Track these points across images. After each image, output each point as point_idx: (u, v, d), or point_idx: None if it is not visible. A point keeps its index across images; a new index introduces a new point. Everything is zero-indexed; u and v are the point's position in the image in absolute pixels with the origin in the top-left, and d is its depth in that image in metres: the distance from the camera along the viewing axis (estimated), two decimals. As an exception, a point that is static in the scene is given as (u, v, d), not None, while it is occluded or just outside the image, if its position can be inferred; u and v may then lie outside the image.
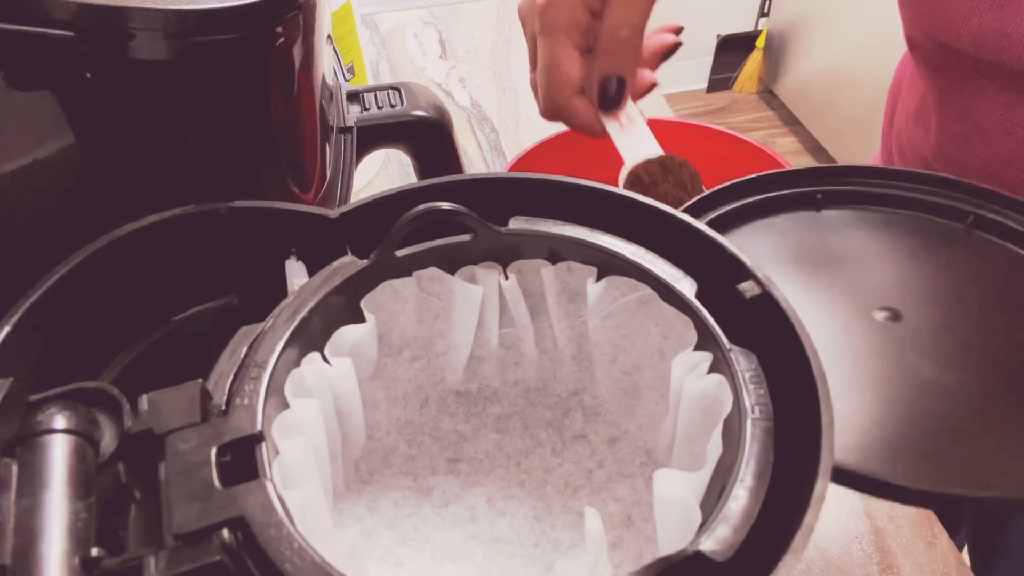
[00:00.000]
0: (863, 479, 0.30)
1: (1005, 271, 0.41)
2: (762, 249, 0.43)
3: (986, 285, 0.40)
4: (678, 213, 0.32)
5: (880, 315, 0.38)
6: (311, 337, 0.30)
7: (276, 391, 0.27)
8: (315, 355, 0.30)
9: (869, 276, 0.40)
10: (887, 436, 0.32)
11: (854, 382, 0.34)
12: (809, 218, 0.44)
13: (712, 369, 0.28)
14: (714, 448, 0.26)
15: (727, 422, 0.26)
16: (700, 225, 0.31)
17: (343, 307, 0.31)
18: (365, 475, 0.34)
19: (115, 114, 0.32)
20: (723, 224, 0.43)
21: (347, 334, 0.31)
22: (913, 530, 0.48)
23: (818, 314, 0.38)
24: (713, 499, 0.25)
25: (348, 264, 0.31)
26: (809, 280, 0.41)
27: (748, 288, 0.29)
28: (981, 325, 0.38)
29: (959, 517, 0.66)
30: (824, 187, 0.45)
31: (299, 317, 0.29)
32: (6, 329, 0.28)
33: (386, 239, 0.31)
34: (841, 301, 0.39)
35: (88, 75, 0.31)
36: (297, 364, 0.29)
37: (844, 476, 0.30)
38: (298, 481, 0.26)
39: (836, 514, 0.49)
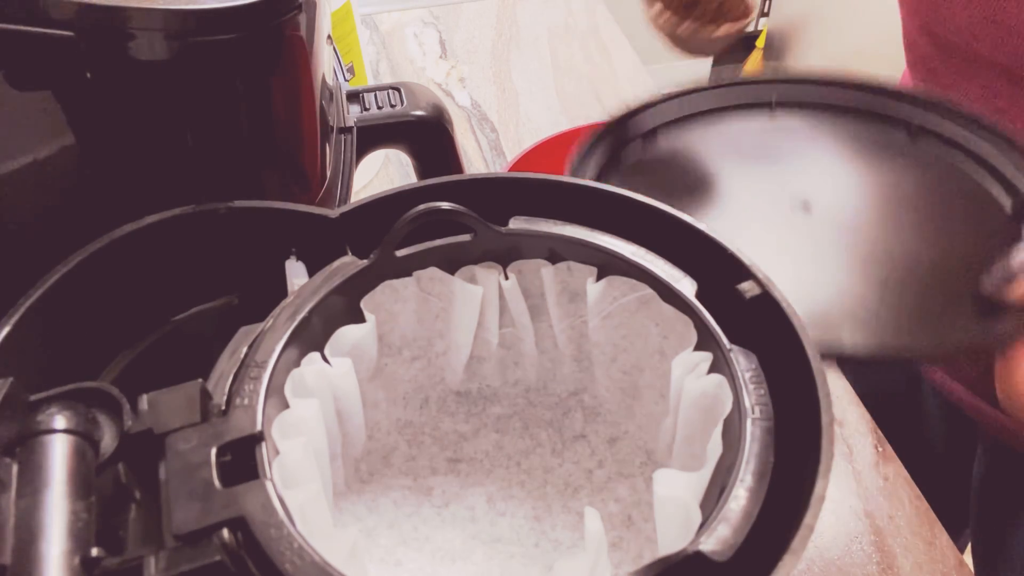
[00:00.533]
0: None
1: (938, 177, 0.45)
2: (714, 144, 0.47)
3: (919, 189, 0.44)
4: (678, 213, 0.32)
5: (797, 206, 0.43)
6: (311, 337, 0.30)
7: (276, 391, 0.27)
8: (315, 355, 0.30)
9: (800, 173, 0.45)
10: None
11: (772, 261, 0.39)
12: (762, 121, 0.49)
13: (712, 369, 0.28)
14: (714, 448, 0.26)
15: (727, 422, 0.26)
16: (700, 225, 0.31)
17: (343, 307, 0.31)
18: (365, 475, 0.34)
19: (115, 114, 0.32)
20: (685, 123, 0.48)
21: (347, 334, 0.31)
22: (913, 530, 0.48)
23: (747, 202, 0.44)
24: (713, 499, 0.25)
25: (348, 264, 0.31)
26: (748, 173, 0.46)
27: (748, 288, 0.29)
28: (895, 225, 0.42)
29: (962, 518, 0.66)
30: (779, 93, 0.49)
31: (299, 317, 0.29)
32: (6, 329, 0.28)
33: (386, 239, 0.31)
34: (769, 193, 0.44)
35: (88, 75, 0.31)
36: (297, 364, 0.29)
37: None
38: (298, 481, 0.26)
39: (836, 514, 0.49)
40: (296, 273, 0.32)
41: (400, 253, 0.32)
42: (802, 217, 0.43)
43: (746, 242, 0.34)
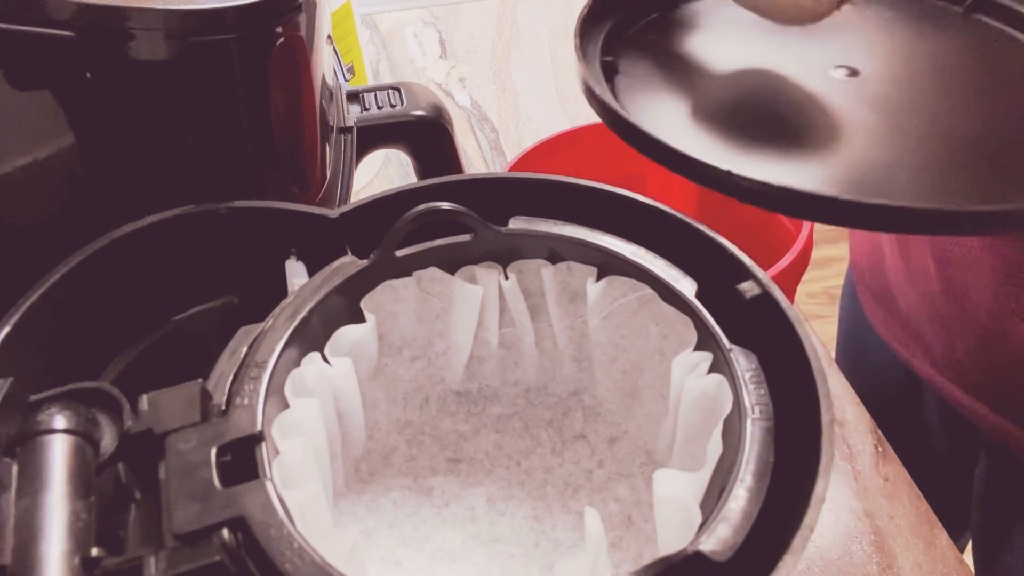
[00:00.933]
0: (811, 199, 0.31)
1: (993, 53, 0.42)
2: (729, 10, 0.42)
3: (968, 64, 0.41)
4: (678, 213, 0.32)
5: (838, 72, 0.39)
6: (311, 337, 0.30)
7: (276, 391, 0.27)
8: (315, 355, 0.30)
9: (844, 41, 0.42)
10: (829, 171, 0.35)
11: (806, 132, 0.37)
12: None
13: (712, 369, 0.28)
14: (714, 448, 0.26)
15: (727, 422, 0.26)
16: (700, 225, 0.31)
17: (343, 307, 0.31)
18: (365, 475, 0.34)
19: (115, 114, 0.32)
20: None
21: (347, 334, 0.31)
22: (913, 530, 0.48)
23: (781, 68, 0.40)
24: (713, 499, 0.25)
25: (348, 264, 0.31)
26: (785, 41, 0.42)
27: (748, 288, 0.29)
28: (942, 98, 0.39)
29: (961, 521, 0.66)
30: None
31: (299, 317, 0.29)
32: (6, 329, 0.28)
33: (386, 239, 0.31)
34: (805, 59, 0.40)
35: (88, 75, 0.31)
36: (297, 364, 0.29)
37: (795, 201, 0.31)
38: (298, 481, 0.26)
39: (836, 514, 0.49)
40: (296, 273, 0.32)
41: (400, 253, 0.32)
42: (848, 83, 0.39)
43: (786, 103, 0.33)
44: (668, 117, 0.36)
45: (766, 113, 0.38)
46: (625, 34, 0.41)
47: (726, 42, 0.42)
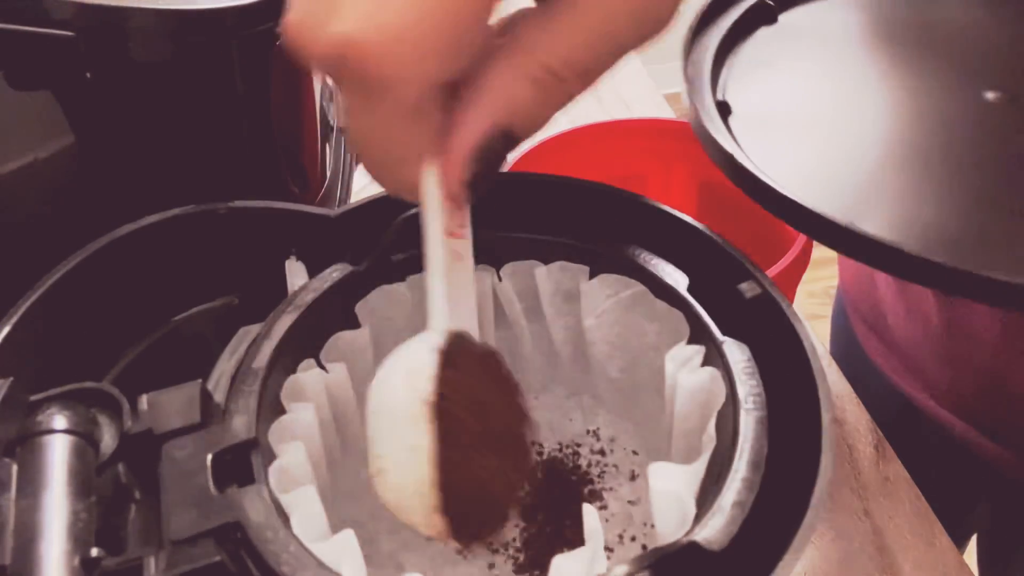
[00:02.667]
0: (954, 274, 0.25)
1: None
2: (845, 24, 0.35)
3: None
4: (678, 213, 0.32)
5: (992, 95, 0.32)
6: (306, 343, 0.30)
7: (272, 397, 0.27)
8: (311, 361, 0.30)
9: (977, 53, 0.34)
10: (976, 227, 0.28)
11: (956, 169, 0.30)
12: None
13: (705, 362, 0.28)
14: (708, 441, 0.26)
15: (720, 414, 0.27)
16: (700, 225, 0.31)
17: (337, 314, 0.31)
18: (365, 481, 0.34)
19: (115, 114, 0.32)
20: None
21: (342, 339, 0.31)
22: (913, 530, 0.48)
23: (917, 98, 0.32)
24: (708, 490, 0.25)
25: (343, 270, 0.31)
26: (904, 61, 0.34)
27: (748, 288, 0.29)
28: None
29: (960, 535, 0.66)
30: None
31: (294, 323, 0.29)
32: (6, 329, 0.28)
33: (380, 244, 0.31)
34: (944, 82, 0.33)
35: (88, 75, 0.31)
36: (293, 370, 0.29)
37: (933, 272, 0.25)
38: (295, 486, 0.26)
39: (836, 514, 0.49)
40: (296, 273, 0.32)
41: (394, 258, 0.32)
42: (1005, 109, 0.31)
43: (923, 146, 0.26)
44: (789, 160, 0.30)
45: (903, 147, 0.31)
46: (733, 67, 0.35)
47: (849, 61, 0.35)
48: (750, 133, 0.31)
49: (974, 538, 0.68)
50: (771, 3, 0.36)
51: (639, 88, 0.85)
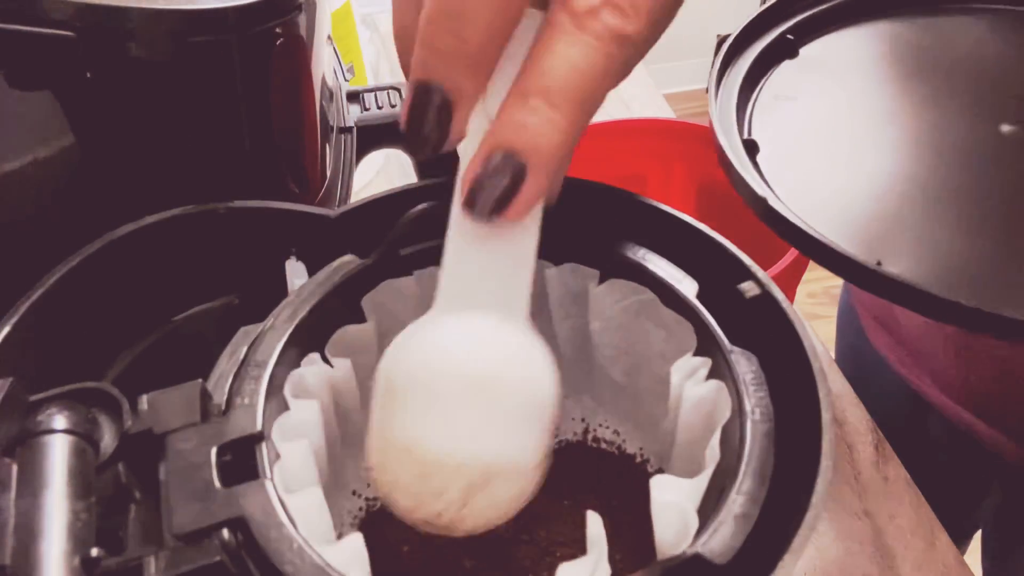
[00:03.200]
0: (971, 313, 0.26)
1: None
2: (863, 56, 0.36)
3: None
4: (678, 213, 0.32)
5: (1008, 128, 0.32)
6: (311, 337, 0.30)
7: (276, 391, 0.27)
8: (315, 355, 0.30)
9: (993, 86, 0.34)
10: (997, 263, 0.28)
11: (974, 203, 0.30)
12: (920, 21, 0.37)
13: (712, 372, 0.28)
14: (712, 454, 0.26)
15: (726, 426, 0.26)
16: (700, 225, 0.31)
17: (343, 306, 0.31)
18: (364, 473, 0.34)
19: (115, 114, 0.32)
20: (818, 25, 0.36)
21: (348, 334, 0.31)
22: (913, 530, 0.48)
23: (935, 132, 0.33)
24: (712, 502, 0.25)
25: (348, 263, 0.31)
26: (921, 93, 0.35)
27: (748, 288, 0.29)
28: None
29: (965, 530, 0.66)
30: None
31: (299, 316, 0.29)
32: (6, 329, 0.28)
33: (388, 238, 0.31)
34: (961, 115, 0.33)
35: (88, 75, 0.31)
36: (297, 364, 0.29)
37: (956, 311, 0.26)
38: (300, 484, 0.26)
39: (836, 514, 0.49)
40: (296, 273, 0.32)
41: (401, 252, 0.32)
42: (1019, 142, 0.32)
43: (942, 180, 0.27)
44: (815, 197, 0.31)
45: (923, 182, 0.31)
46: (758, 103, 0.36)
47: (869, 93, 0.36)
48: (777, 170, 0.31)
49: (975, 539, 0.68)
50: (791, 37, 0.37)
51: (639, 88, 0.85)
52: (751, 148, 0.33)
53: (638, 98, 0.83)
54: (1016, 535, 0.58)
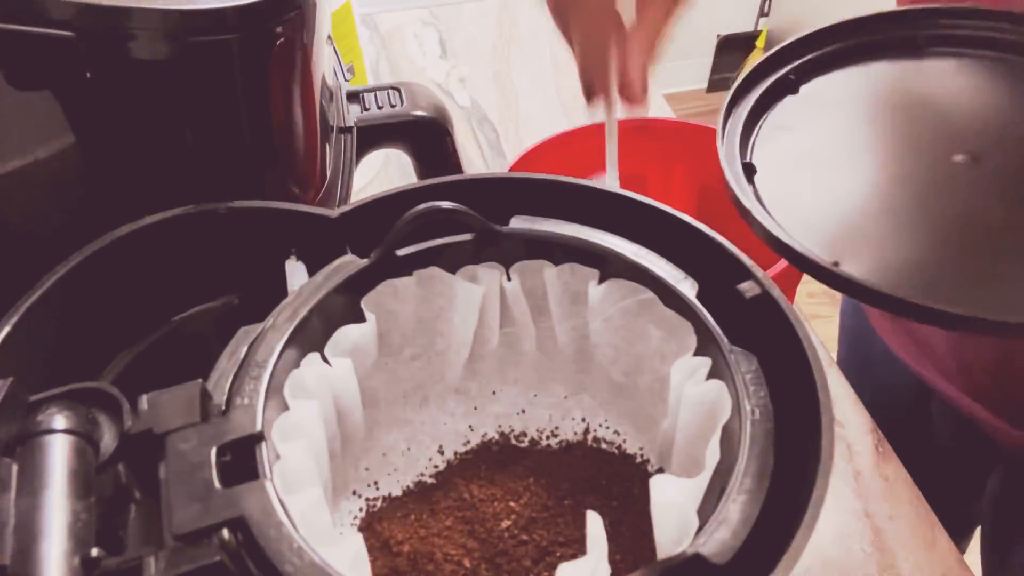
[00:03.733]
0: (913, 307, 0.31)
1: None
2: (854, 94, 0.43)
3: None
4: (678, 213, 0.32)
5: (960, 158, 0.38)
6: (311, 337, 0.30)
7: (276, 391, 0.27)
8: (315, 356, 0.30)
9: (950, 121, 0.41)
10: (941, 268, 0.34)
11: (922, 221, 0.36)
12: (906, 65, 0.44)
13: (712, 372, 0.28)
14: (712, 454, 0.26)
15: (726, 426, 0.26)
16: (700, 225, 0.31)
17: (343, 306, 0.31)
18: (364, 473, 0.34)
19: (115, 114, 0.32)
20: (817, 66, 0.44)
21: (347, 333, 0.31)
22: (913, 530, 0.48)
23: (899, 160, 0.39)
24: (712, 502, 0.25)
25: (349, 263, 0.31)
26: (892, 126, 0.41)
27: (748, 288, 0.29)
28: None
29: (967, 524, 0.66)
30: (927, 31, 0.44)
31: (299, 317, 0.29)
32: (6, 329, 0.28)
33: (387, 238, 0.31)
34: (922, 146, 0.39)
35: (88, 75, 0.31)
36: (297, 364, 0.29)
37: (899, 305, 0.31)
38: (299, 485, 0.26)
39: (836, 514, 0.49)
40: (296, 273, 0.32)
41: (401, 252, 0.32)
42: (969, 170, 0.38)
43: (906, 208, 0.33)
44: (793, 210, 0.37)
45: (887, 201, 0.37)
46: (760, 132, 0.42)
47: (853, 128, 0.42)
48: (769, 188, 0.38)
49: (975, 540, 0.68)
50: (793, 77, 0.43)
51: (639, 88, 0.85)
52: (749, 170, 0.38)
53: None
54: (1015, 527, 0.59)
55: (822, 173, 0.39)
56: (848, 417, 0.55)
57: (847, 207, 0.37)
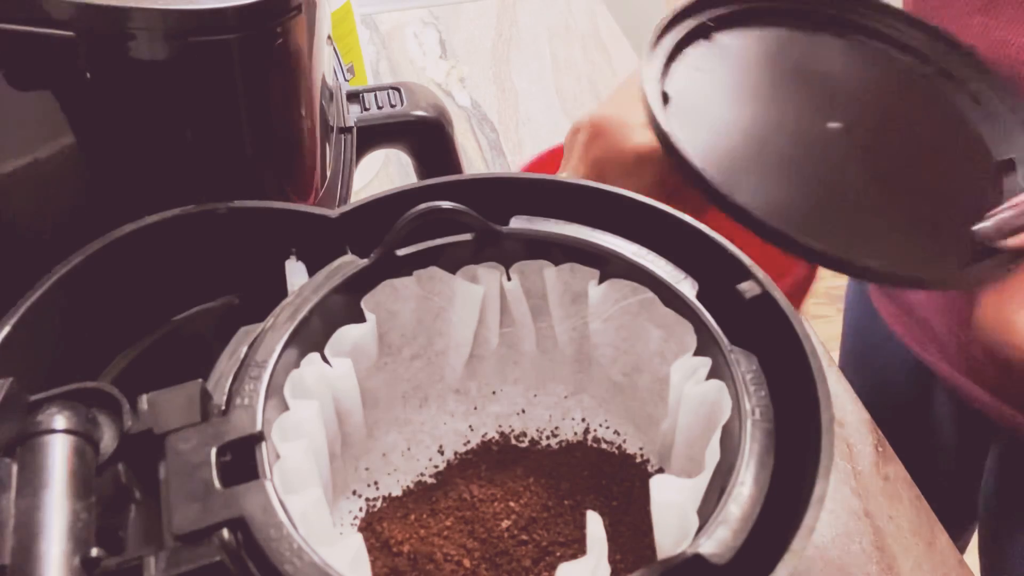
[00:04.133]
0: (786, 238, 0.36)
1: (941, 113, 0.48)
2: (757, 51, 0.49)
3: (929, 121, 0.48)
4: (679, 213, 0.32)
5: (835, 125, 0.45)
6: (311, 337, 0.30)
7: (276, 391, 0.27)
8: (315, 356, 0.30)
9: (839, 93, 0.48)
10: (810, 211, 0.40)
11: (799, 171, 0.43)
12: (811, 36, 0.50)
13: (712, 372, 0.28)
14: (712, 454, 0.26)
15: (726, 426, 0.26)
16: (701, 225, 0.31)
17: (343, 306, 0.31)
18: (364, 473, 0.34)
19: (115, 114, 0.32)
20: (733, 20, 0.49)
21: (347, 334, 0.31)
22: (913, 530, 0.48)
23: (786, 119, 0.46)
24: (712, 502, 0.25)
25: (348, 263, 0.31)
26: (787, 85, 0.48)
27: (748, 288, 0.29)
28: (905, 141, 0.47)
29: (967, 516, 0.66)
30: (838, 11, 0.51)
31: (299, 317, 0.29)
32: (6, 329, 0.28)
33: (387, 238, 0.31)
34: (805, 110, 0.46)
35: (88, 75, 0.31)
36: (297, 365, 0.29)
37: (772, 234, 0.37)
38: (299, 485, 0.26)
39: (836, 514, 0.49)
40: (296, 273, 0.32)
41: (401, 252, 0.32)
42: (841, 136, 0.45)
43: (787, 158, 0.41)
44: (703, 139, 0.42)
45: (775, 149, 0.44)
46: (674, 64, 0.47)
47: (755, 78, 0.48)
48: (681, 115, 0.43)
49: (973, 541, 0.69)
50: (711, 24, 0.49)
51: (639, 88, 0.85)
52: (665, 97, 0.43)
53: None
54: (1013, 518, 0.59)
55: (722, 114, 0.45)
56: (848, 417, 0.55)
57: (739, 147, 0.43)
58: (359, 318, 0.31)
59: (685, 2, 0.48)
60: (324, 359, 0.30)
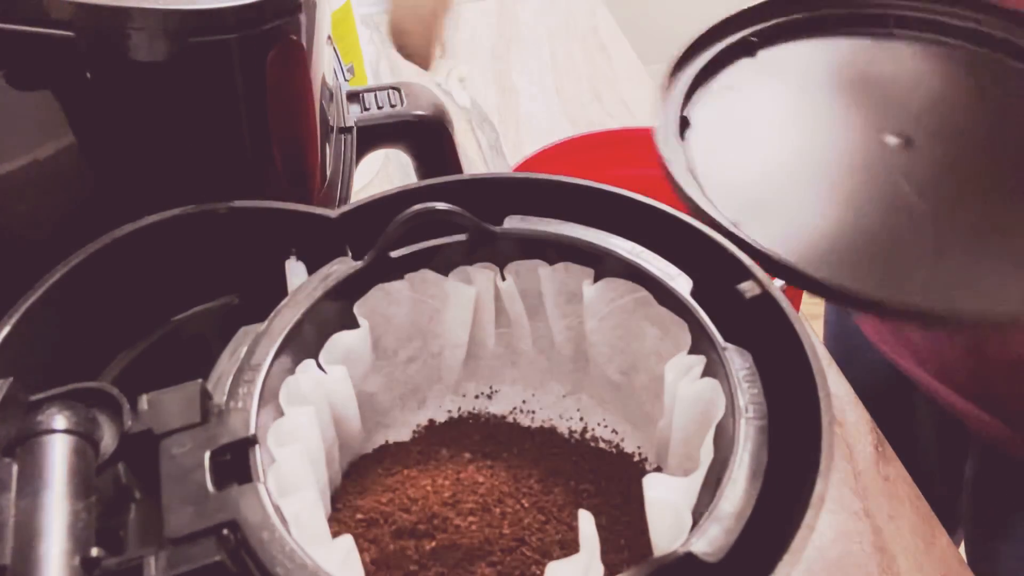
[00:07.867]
0: (821, 286, 0.30)
1: None
2: (814, 65, 0.42)
3: (1012, 121, 0.39)
4: (678, 213, 0.32)
5: (892, 140, 0.37)
6: (305, 342, 0.30)
7: (270, 395, 0.27)
8: (310, 363, 0.30)
9: (898, 103, 0.40)
10: (854, 248, 0.33)
11: (839, 196, 0.36)
12: (870, 42, 0.43)
13: (706, 370, 0.28)
14: (706, 452, 0.26)
15: (720, 424, 0.26)
16: (700, 225, 0.31)
17: (337, 311, 0.31)
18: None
19: (115, 114, 0.32)
20: (787, 37, 0.43)
21: (341, 340, 0.31)
22: (913, 530, 0.48)
23: (831, 130, 0.39)
24: (706, 501, 0.25)
25: (342, 267, 0.31)
26: (839, 98, 0.41)
27: (748, 288, 0.29)
28: (988, 159, 0.37)
29: (955, 512, 0.66)
30: (898, 11, 0.43)
31: (293, 322, 0.29)
32: (6, 329, 0.28)
33: (380, 241, 0.31)
34: (858, 122, 0.39)
35: (88, 75, 0.31)
36: (292, 369, 0.29)
37: (807, 283, 0.31)
38: (294, 487, 0.26)
39: (836, 514, 0.49)
40: (296, 273, 0.32)
41: (395, 254, 0.32)
42: (898, 153, 0.37)
43: (828, 182, 0.33)
44: (722, 176, 0.36)
45: (807, 171, 0.37)
46: (700, 88, 0.41)
47: (796, 96, 0.42)
48: (698, 144, 0.37)
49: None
50: (754, 40, 0.42)
51: (639, 89, 0.85)
52: (683, 124, 0.38)
53: (638, 99, 0.83)
54: (994, 524, 0.59)
55: (754, 137, 0.39)
56: (848, 417, 0.55)
57: (768, 172, 0.37)
58: (353, 322, 0.31)
59: (717, 20, 0.42)
60: (319, 366, 0.30)
